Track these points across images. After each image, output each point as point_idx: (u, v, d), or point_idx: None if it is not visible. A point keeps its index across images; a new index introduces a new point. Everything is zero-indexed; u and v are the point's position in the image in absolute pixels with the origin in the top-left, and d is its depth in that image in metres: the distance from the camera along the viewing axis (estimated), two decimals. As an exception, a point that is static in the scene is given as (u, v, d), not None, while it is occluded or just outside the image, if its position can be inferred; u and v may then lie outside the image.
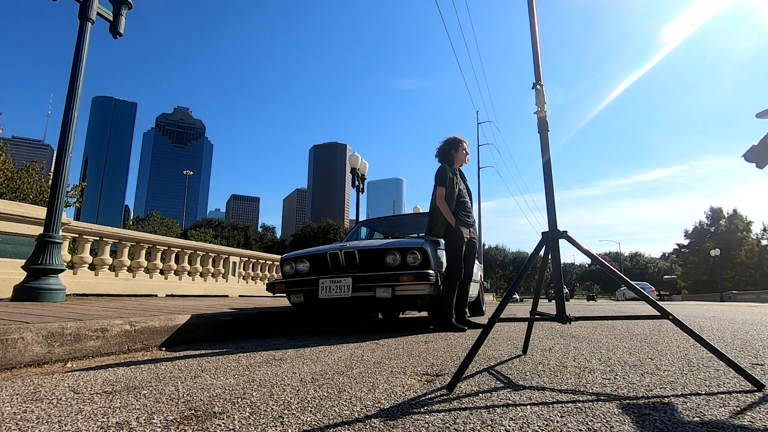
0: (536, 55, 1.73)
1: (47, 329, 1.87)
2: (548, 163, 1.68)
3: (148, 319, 2.42)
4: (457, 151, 3.76)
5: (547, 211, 1.61)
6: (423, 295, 3.21)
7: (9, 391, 1.36)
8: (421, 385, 1.40)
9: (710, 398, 1.18)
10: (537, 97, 1.70)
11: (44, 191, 13.53)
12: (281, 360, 1.97)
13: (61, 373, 1.70)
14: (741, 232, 43.15)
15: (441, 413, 1.08)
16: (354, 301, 3.18)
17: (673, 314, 1.37)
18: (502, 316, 1.46)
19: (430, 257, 3.27)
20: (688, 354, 1.95)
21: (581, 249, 1.65)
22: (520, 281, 1.62)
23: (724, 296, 28.79)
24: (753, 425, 0.95)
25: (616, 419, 1.00)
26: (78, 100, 4.50)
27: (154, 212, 44.16)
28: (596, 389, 1.30)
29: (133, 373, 1.68)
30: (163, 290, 7.53)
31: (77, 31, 4.56)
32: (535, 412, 1.07)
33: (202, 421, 1.05)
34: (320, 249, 3.57)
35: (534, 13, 1.76)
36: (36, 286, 4.01)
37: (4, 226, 5.17)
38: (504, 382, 1.43)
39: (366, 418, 1.05)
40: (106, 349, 2.10)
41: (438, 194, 3.59)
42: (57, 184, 4.31)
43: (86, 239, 6.42)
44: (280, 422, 1.03)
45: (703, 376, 1.47)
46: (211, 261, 9.08)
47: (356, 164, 10.42)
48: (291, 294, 3.42)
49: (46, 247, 4.17)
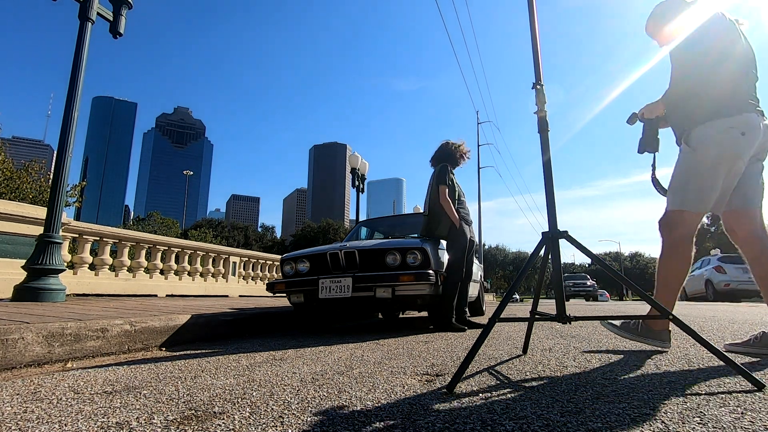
0: (536, 55, 1.73)
1: (47, 329, 1.87)
2: (548, 163, 1.68)
3: (148, 319, 2.42)
4: (464, 158, 3.88)
5: (547, 211, 1.61)
6: (423, 295, 3.21)
7: (9, 391, 1.36)
8: (421, 385, 1.40)
9: (710, 398, 1.18)
10: (537, 97, 1.70)
11: (44, 191, 13.53)
12: (281, 360, 1.97)
13: (61, 373, 1.70)
14: (741, 232, 43.11)
15: (441, 413, 1.08)
16: (354, 301, 3.18)
17: (674, 314, 1.37)
18: (502, 316, 1.47)
19: (430, 257, 3.27)
20: (688, 354, 1.94)
21: (581, 249, 1.65)
22: (520, 281, 1.62)
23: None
24: (753, 425, 0.95)
25: (616, 419, 1.00)
26: (78, 100, 4.50)
27: (154, 212, 44.18)
28: (596, 389, 1.30)
29: (133, 373, 1.68)
30: (163, 290, 7.54)
31: (77, 31, 4.56)
32: (536, 412, 1.07)
33: (202, 421, 1.05)
34: (320, 249, 3.57)
35: (534, 13, 1.76)
36: (36, 286, 4.01)
37: (4, 226, 5.17)
38: (504, 382, 1.43)
39: (366, 419, 1.05)
40: (106, 349, 2.10)
41: (441, 193, 3.58)
42: (57, 184, 4.31)
43: (86, 239, 6.42)
44: (280, 422, 1.03)
45: (703, 376, 1.47)
46: (211, 261, 9.08)
47: (356, 164, 10.43)
48: (291, 294, 3.42)
49: (46, 247, 4.17)
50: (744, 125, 1.82)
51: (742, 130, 1.81)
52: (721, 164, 1.85)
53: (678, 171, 1.99)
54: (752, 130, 1.82)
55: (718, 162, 1.85)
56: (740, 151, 1.83)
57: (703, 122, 1.88)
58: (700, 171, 1.89)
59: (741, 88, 1.89)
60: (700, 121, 1.89)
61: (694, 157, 1.91)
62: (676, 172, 2.00)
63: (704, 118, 1.88)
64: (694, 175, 1.91)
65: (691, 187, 1.92)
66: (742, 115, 1.83)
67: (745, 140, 1.81)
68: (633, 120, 2.17)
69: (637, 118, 2.15)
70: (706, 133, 1.87)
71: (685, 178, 1.95)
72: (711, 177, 1.87)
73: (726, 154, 1.84)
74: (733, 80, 1.88)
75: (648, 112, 2.09)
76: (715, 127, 1.86)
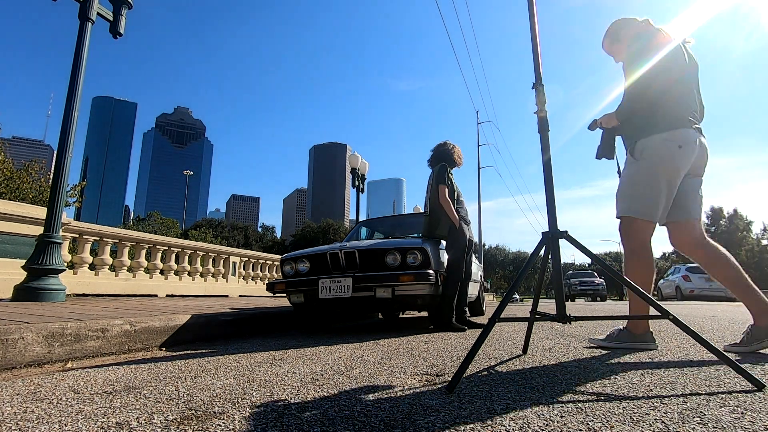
0: (536, 55, 1.73)
1: (47, 329, 1.87)
2: (548, 163, 1.68)
3: (148, 319, 2.42)
4: (461, 157, 3.89)
5: (547, 211, 1.61)
6: (423, 295, 3.21)
7: (9, 391, 1.36)
8: (421, 385, 1.40)
9: (710, 398, 1.18)
10: (537, 97, 1.70)
11: (44, 191, 13.52)
12: (281, 360, 1.97)
13: (61, 373, 1.70)
14: (741, 232, 43.18)
15: (441, 413, 1.08)
16: (354, 301, 3.18)
17: (674, 314, 1.37)
18: (502, 316, 1.46)
19: (431, 257, 3.27)
20: (689, 354, 1.95)
21: (581, 249, 1.65)
22: (520, 281, 1.62)
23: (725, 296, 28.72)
24: (753, 425, 0.95)
25: (616, 419, 1.00)
26: (78, 101, 4.50)
27: (154, 212, 44.18)
28: (597, 389, 1.30)
29: (133, 373, 1.68)
30: (163, 290, 7.54)
31: (77, 31, 4.56)
32: (536, 412, 1.07)
33: (202, 421, 1.05)
34: (320, 249, 3.57)
35: (534, 13, 1.76)
36: (36, 286, 4.01)
37: (4, 226, 5.17)
38: (504, 382, 1.43)
39: (366, 418, 1.05)
40: (106, 349, 2.10)
41: (441, 193, 3.58)
42: (57, 185, 4.31)
43: (86, 239, 6.42)
44: (280, 422, 1.03)
45: (704, 376, 1.47)
46: (211, 261, 9.08)
47: (356, 164, 10.42)
48: (291, 294, 3.42)
49: (46, 247, 4.17)
50: (681, 139, 1.97)
51: (680, 144, 1.97)
52: (660, 174, 1.99)
53: (624, 179, 2.14)
54: (689, 144, 1.98)
55: (658, 172, 2.00)
56: (677, 163, 1.98)
57: (647, 135, 2.03)
58: (643, 179, 2.03)
59: (682, 105, 2.03)
60: (644, 134, 2.04)
61: (638, 167, 2.07)
62: (622, 180, 2.16)
63: (648, 132, 2.03)
64: (638, 183, 2.06)
65: (636, 194, 2.06)
66: (679, 130, 1.98)
67: (682, 153, 1.97)
68: (593, 126, 2.30)
69: (597, 125, 2.27)
70: (648, 145, 2.03)
71: (630, 186, 2.10)
72: (653, 185, 2.01)
73: (664, 164, 1.99)
74: (676, 98, 2.02)
75: (605, 122, 2.22)
76: (655, 139, 2.01)
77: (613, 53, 2.32)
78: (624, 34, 2.22)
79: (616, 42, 2.28)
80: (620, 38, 2.25)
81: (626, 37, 2.20)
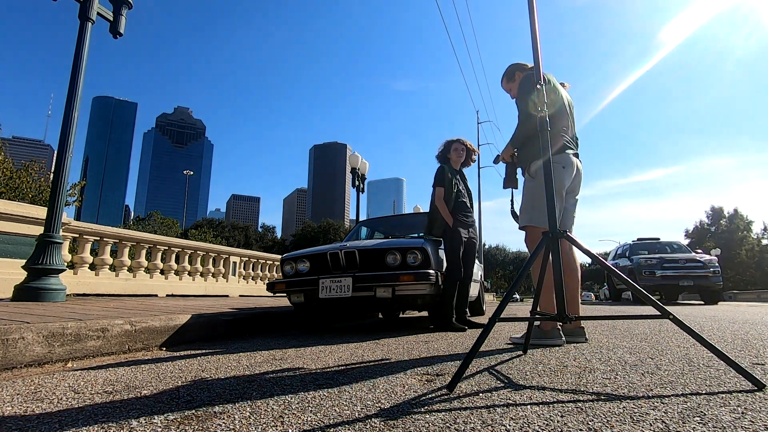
0: (536, 55, 1.73)
1: (48, 329, 1.87)
2: (548, 163, 1.69)
3: (149, 318, 2.42)
4: (451, 152, 3.81)
5: (547, 211, 1.61)
6: (423, 294, 3.21)
7: (10, 391, 1.36)
8: (422, 385, 1.40)
9: (711, 398, 1.18)
10: (537, 97, 1.70)
11: (44, 191, 13.52)
12: (282, 360, 1.98)
13: (61, 373, 1.70)
14: (741, 232, 43.16)
15: (441, 413, 1.08)
16: (354, 301, 3.18)
17: (674, 314, 1.37)
18: (502, 316, 1.47)
19: (431, 257, 3.27)
20: (689, 354, 1.95)
21: (581, 249, 1.66)
22: (520, 281, 1.62)
23: (725, 296, 28.77)
24: (753, 425, 0.95)
25: (616, 419, 1.00)
26: (78, 101, 4.50)
27: (155, 212, 44.15)
28: (597, 389, 1.30)
29: (133, 373, 1.68)
30: (163, 290, 7.54)
31: (77, 31, 4.56)
32: (536, 412, 1.07)
33: (202, 421, 1.05)
34: (320, 249, 3.57)
35: (534, 13, 1.76)
36: (36, 286, 4.02)
37: (4, 226, 5.17)
38: (504, 382, 1.43)
39: (366, 418, 1.05)
40: (106, 349, 2.10)
41: (437, 194, 3.64)
42: (57, 184, 4.31)
43: (86, 239, 6.42)
44: (280, 422, 1.03)
45: (704, 375, 1.47)
46: (211, 261, 9.08)
47: (356, 164, 10.43)
48: (291, 294, 3.42)
49: (46, 247, 4.17)
50: (564, 161, 2.44)
51: (563, 165, 2.43)
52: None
53: (525, 195, 2.57)
54: (569, 166, 2.46)
55: None
56: (563, 181, 2.43)
57: (538, 158, 2.35)
58: (540, 194, 2.26)
59: (561, 134, 2.47)
60: (536, 157, 2.41)
61: (534, 184, 2.48)
62: (523, 196, 2.58)
63: (538, 156, 2.34)
64: (536, 197, 2.44)
65: (536, 206, 2.44)
66: (562, 154, 2.44)
67: (565, 172, 2.44)
68: (497, 160, 2.72)
69: (500, 159, 2.68)
70: (540, 165, 2.32)
71: (530, 200, 2.51)
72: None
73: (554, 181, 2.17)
74: (557, 128, 2.44)
75: (504, 155, 2.63)
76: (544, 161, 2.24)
77: (509, 90, 2.78)
78: (518, 75, 2.68)
79: (511, 81, 2.74)
80: (514, 78, 2.71)
81: (518, 78, 2.65)
